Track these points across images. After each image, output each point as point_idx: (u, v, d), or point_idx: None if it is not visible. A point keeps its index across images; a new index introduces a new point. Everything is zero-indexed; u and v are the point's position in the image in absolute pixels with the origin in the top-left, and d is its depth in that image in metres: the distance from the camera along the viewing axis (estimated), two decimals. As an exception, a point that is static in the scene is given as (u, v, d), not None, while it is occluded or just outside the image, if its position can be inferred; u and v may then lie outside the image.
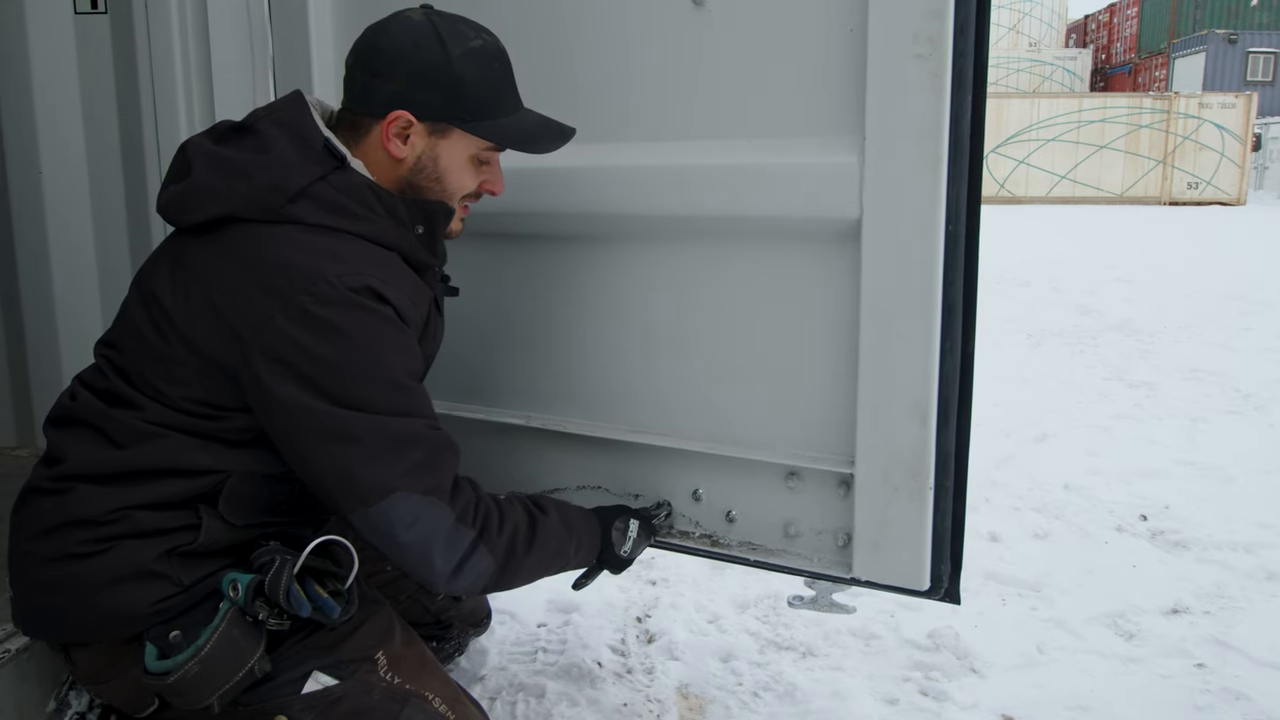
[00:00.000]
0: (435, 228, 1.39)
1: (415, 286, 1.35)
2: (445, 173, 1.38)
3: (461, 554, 1.28)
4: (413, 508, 1.24)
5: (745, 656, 2.24)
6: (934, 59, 1.36)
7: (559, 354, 1.80)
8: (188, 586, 1.26)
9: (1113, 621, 2.44)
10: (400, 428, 1.25)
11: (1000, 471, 3.56)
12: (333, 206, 1.28)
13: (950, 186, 1.39)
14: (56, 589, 1.26)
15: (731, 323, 1.63)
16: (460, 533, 1.28)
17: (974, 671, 2.20)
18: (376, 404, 1.24)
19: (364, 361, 1.23)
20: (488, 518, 1.33)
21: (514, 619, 2.37)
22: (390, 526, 1.24)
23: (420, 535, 1.25)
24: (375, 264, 1.29)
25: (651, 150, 1.61)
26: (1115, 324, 6.46)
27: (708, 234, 1.61)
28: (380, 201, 1.32)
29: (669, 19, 1.58)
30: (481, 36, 1.36)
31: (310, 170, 1.28)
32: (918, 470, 1.48)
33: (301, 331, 1.21)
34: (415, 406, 1.28)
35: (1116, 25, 27.84)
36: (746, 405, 1.65)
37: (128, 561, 1.24)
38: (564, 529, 1.48)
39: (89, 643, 1.30)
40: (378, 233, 1.32)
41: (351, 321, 1.22)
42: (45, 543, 1.26)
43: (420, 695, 1.36)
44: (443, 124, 1.34)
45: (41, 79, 2.30)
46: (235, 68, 2.03)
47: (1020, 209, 16.33)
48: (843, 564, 1.61)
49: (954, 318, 1.44)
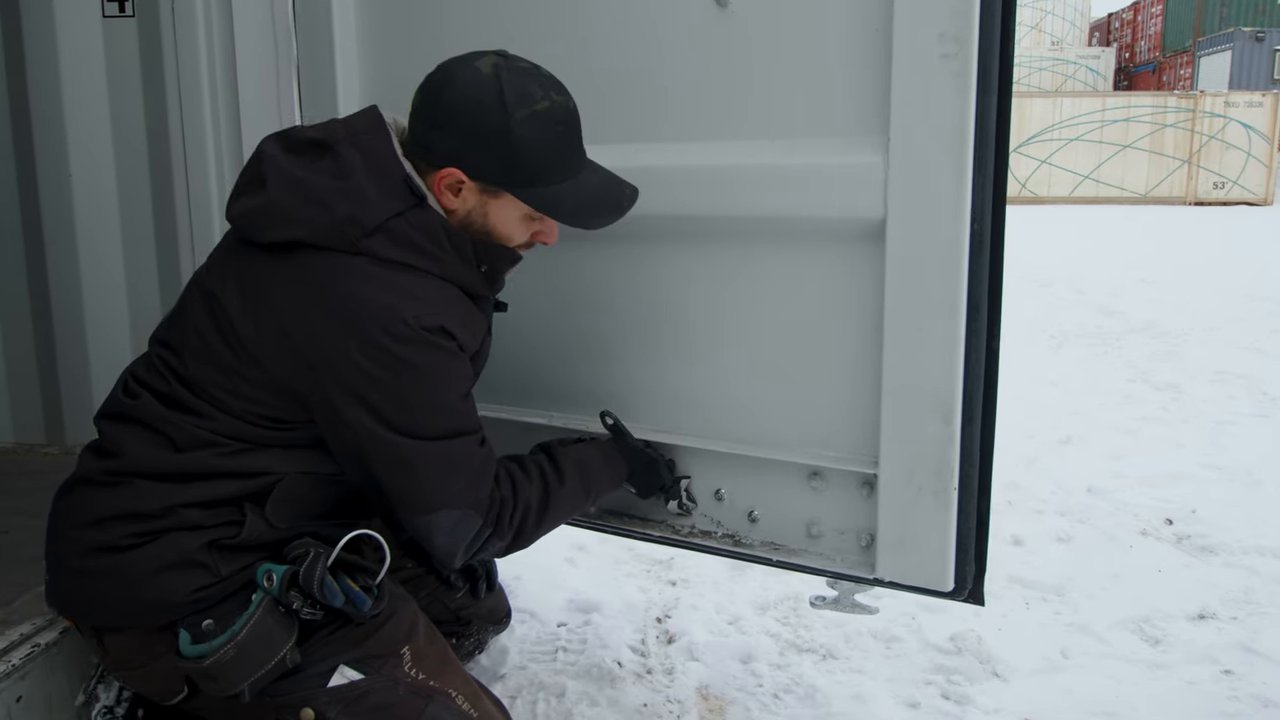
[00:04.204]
0: (499, 269, 1.44)
1: (475, 318, 1.40)
2: (494, 228, 1.39)
3: (478, 547, 1.39)
4: (454, 519, 1.34)
5: (765, 658, 2.23)
6: (959, 59, 1.35)
7: (582, 353, 1.81)
8: (225, 577, 1.28)
9: (1138, 627, 2.41)
10: (453, 451, 1.33)
11: (1023, 474, 3.53)
12: (408, 244, 1.30)
13: (975, 186, 1.39)
14: (98, 575, 1.29)
15: (755, 322, 1.63)
16: (482, 533, 1.38)
17: (997, 675, 2.18)
18: (435, 431, 1.31)
19: (430, 394, 1.30)
20: (502, 511, 1.40)
21: (534, 618, 2.37)
22: (430, 533, 1.34)
23: (454, 538, 1.36)
24: (445, 302, 1.33)
25: (676, 151, 1.61)
26: (1139, 325, 6.39)
27: (732, 234, 1.61)
28: (450, 241, 1.34)
29: (693, 20, 1.58)
30: (550, 96, 1.32)
31: (389, 206, 1.29)
32: (942, 470, 1.47)
33: (376, 367, 1.25)
34: (467, 424, 1.36)
35: (1140, 23, 27.55)
36: (769, 405, 1.65)
37: (171, 550, 1.27)
38: (581, 489, 1.56)
39: (122, 628, 1.32)
40: (446, 271, 1.34)
41: (425, 360, 1.28)
42: (93, 532, 1.29)
43: (444, 692, 1.39)
44: (494, 188, 1.35)
45: (70, 81, 2.33)
46: (259, 70, 2.04)
47: (1043, 209, 16.19)
48: (865, 564, 1.60)
49: (979, 317, 1.43)
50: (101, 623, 1.33)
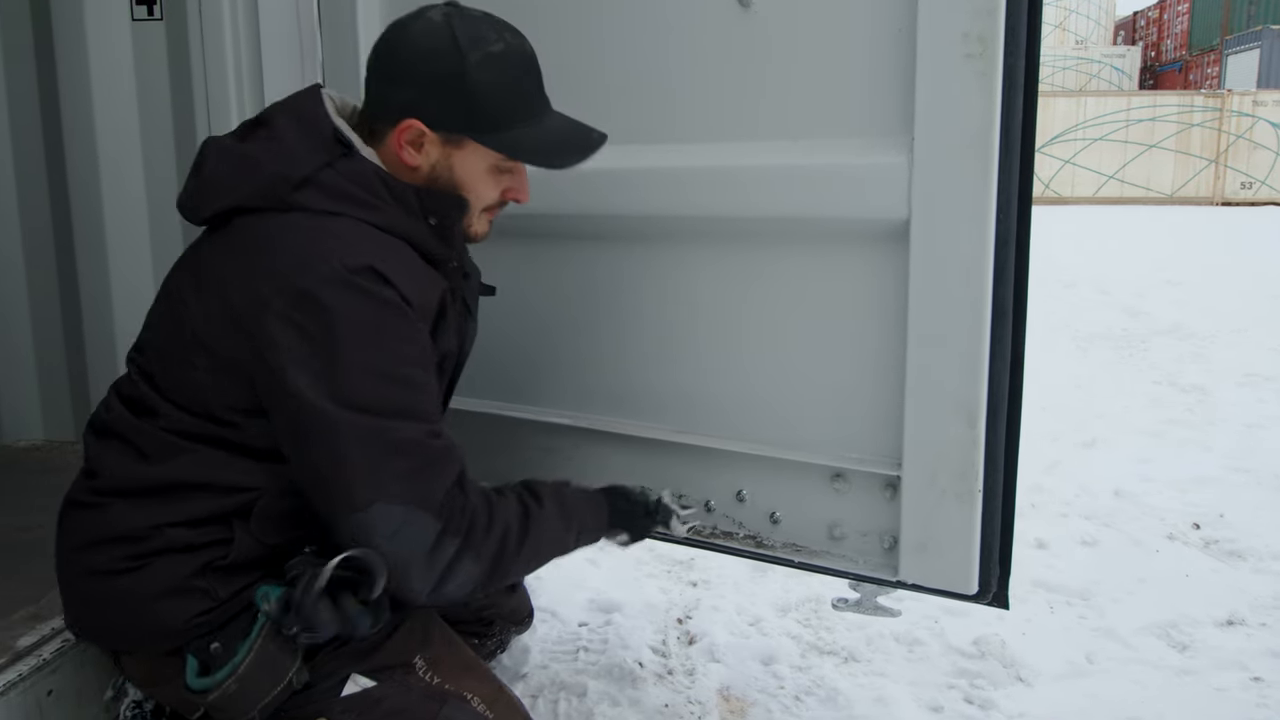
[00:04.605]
0: (449, 220, 1.32)
1: (425, 274, 1.29)
2: (461, 184, 1.32)
3: (444, 566, 1.20)
4: (394, 518, 1.17)
5: (787, 660, 2.22)
6: (984, 58, 1.34)
7: (604, 354, 1.81)
8: (224, 600, 1.25)
9: (1165, 632, 2.39)
10: (392, 432, 1.17)
11: (1047, 477, 3.50)
12: (339, 194, 1.24)
13: (1000, 187, 1.38)
14: (100, 601, 1.28)
15: (777, 324, 1.63)
16: (444, 545, 1.20)
17: (1021, 680, 2.16)
18: (371, 401, 1.17)
19: (362, 349, 1.17)
20: (474, 523, 1.23)
21: (555, 617, 2.38)
22: (368, 537, 1.16)
23: (400, 547, 1.17)
24: (380, 246, 1.23)
25: (699, 151, 1.61)
26: (1165, 327, 6.32)
27: (754, 235, 1.61)
28: (389, 189, 1.27)
29: (716, 21, 1.57)
30: (504, 39, 1.29)
31: (316, 158, 1.24)
32: (966, 472, 1.46)
33: (303, 316, 1.16)
34: (414, 406, 1.20)
35: (1167, 21, 27.25)
36: (792, 406, 1.64)
37: (165, 577, 1.24)
38: (561, 520, 1.39)
39: (133, 651, 1.32)
40: (387, 221, 1.26)
41: (350, 304, 1.16)
42: (87, 555, 1.28)
43: (459, 695, 1.35)
44: (456, 137, 1.30)
45: (100, 83, 2.37)
46: (285, 71, 2.06)
47: (1066, 210, 16.05)
48: (888, 566, 1.59)
49: (1004, 319, 1.42)
50: (111, 645, 1.34)
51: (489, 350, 1.91)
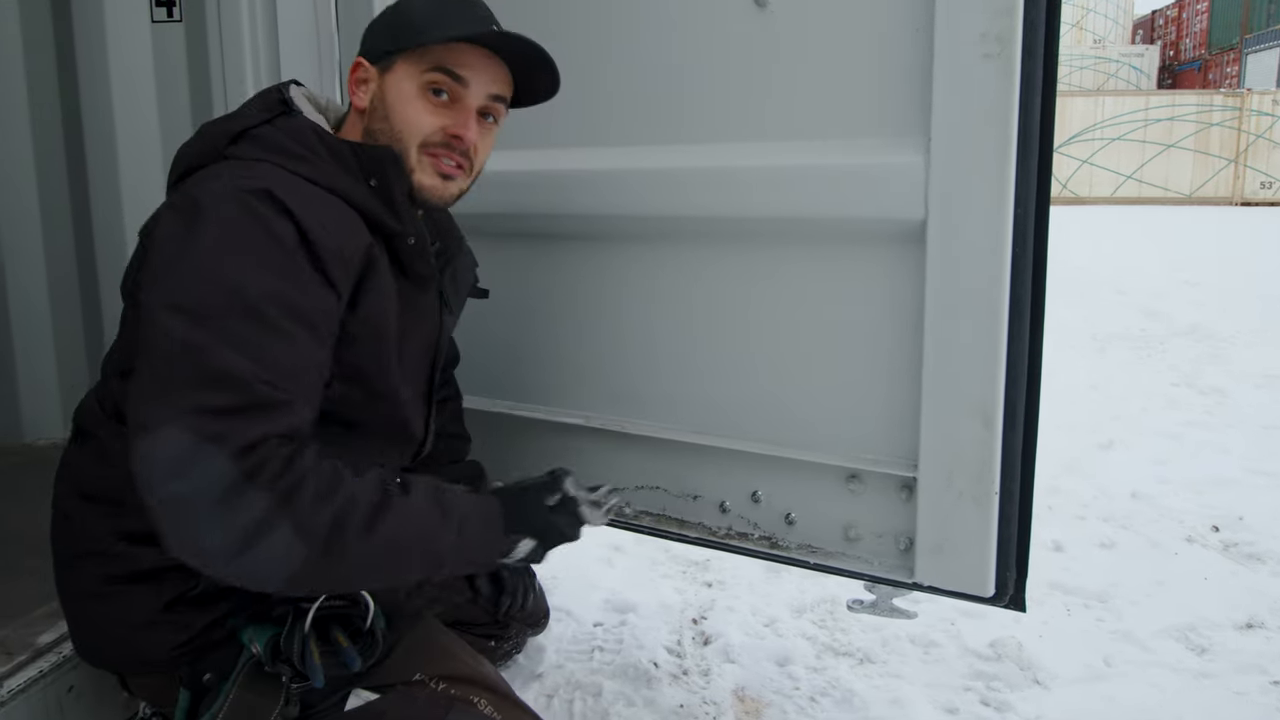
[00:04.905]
0: (387, 179, 1.23)
1: (349, 225, 1.18)
2: (392, 108, 1.27)
3: (247, 527, 0.98)
4: (183, 451, 0.97)
5: (802, 661, 2.22)
6: (1002, 58, 1.34)
7: (620, 355, 1.81)
8: (202, 629, 1.21)
9: (1183, 635, 2.37)
10: (213, 359, 1.00)
11: (1064, 479, 3.48)
12: (273, 146, 1.20)
13: (1018, 187, 1.37)
14: (86, 624, 1.28)
15: (792, 324, 1.62)
16: (247, 498, 0.98)
17: (1038, 683, 2.15)
18: (202, 313, 1.02)
19: (217, 260, 1.04)
20: (299, 485, 1.01)
21: (570, 617, 2.38)
22: (150, 471, 0.98)
23: (185, 491, 0.97)
24: (295, 187, 1.13)
25: (715, 152, 1.61)
26: (1184, 328, 6.27)
27: (770, 235, 1.61)
28: (324, 143, 1.22)
29: (731, 21, 1.57)
30: None
31: (258, 116, 1.24)
32: (983, 474, 1.45)
33: (179, 217, 1.09)
34: (253, 343, 1.03)
35: (1185, 20, 27.03)
36: (807, 407, 1.64)
37: (139, 609, 1.21)
38: (434, 513, 1.15)
39: (133, 675, 1.32)
40: (321, 176, 1.19)
41: (226, 215, 1.07)
42: (69, 573, 1.28)
43: (465, 699, 1.31)
44: (388, 58, 1.28)
45: (120, 84, 2.39)
46: (303, 72, 2.07)
47: (1084, 210, 15.94)
48: (904, 568, 1.59)
49: (1021, 319, 1.41)
50: (109, 669, 1.34)
51: (504, 349, 1.92)
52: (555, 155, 1.76)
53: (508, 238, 1.86)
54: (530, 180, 1.76)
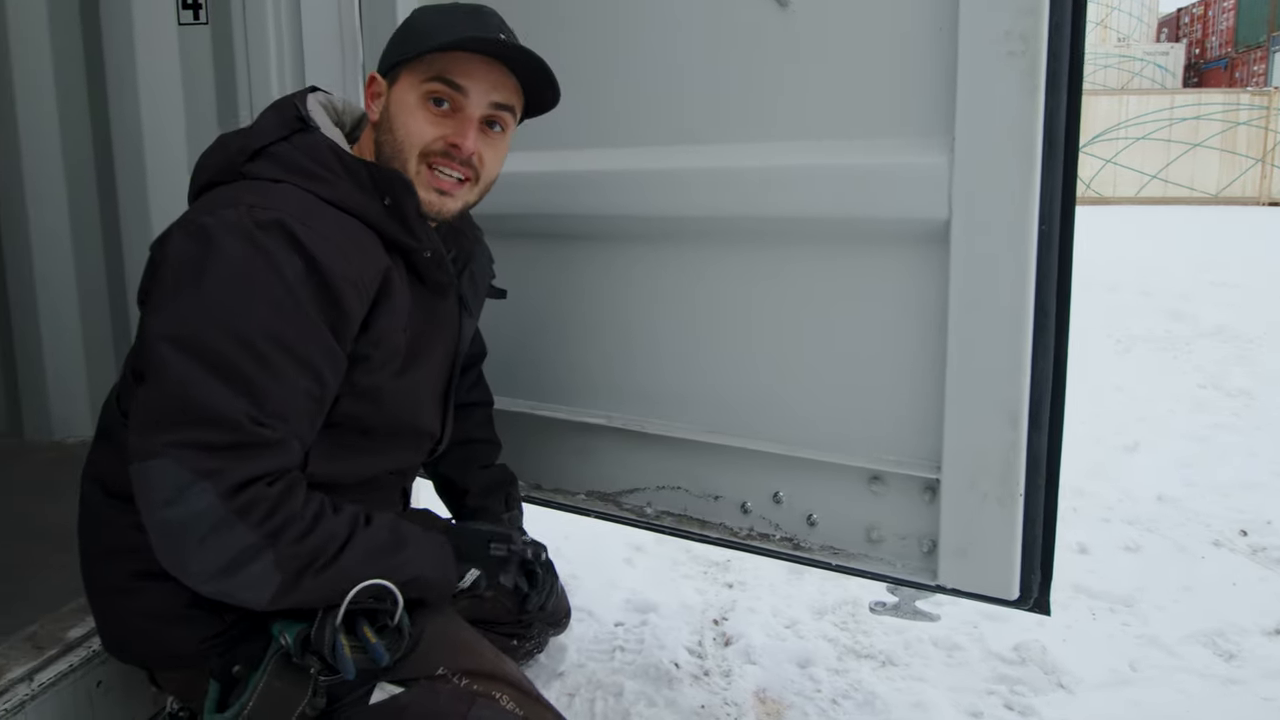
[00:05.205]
0: (400, 200, 1.26)
1: (365, 251, 1.21)
2: (395, 118, 1.29)
3: (231, 557, 1.08)
4: (177, 482, 1.05)
5: (823, 663, 2.21)
6: (1027, 57, 1.33)
7: (642, 355, 1.81)
8: (233, 621, 1.24)
9: (1211, 640, 2.34)
10: (211, 396, 1.06)
11: (1089, 481, 3.45)
12: (290, 165, 1.22)
13: (1044, 187, 1.36)
14: (114, 620, 1.31)
15: (816, 324, 1.62)
16: (234, 532, 1.07)
17: (1062, 687, 2.13)
18: (202, 350, 1.07)
19: (222, 298, 1.08)
20: (285, 526, 1.10)
21: (592, 617, 2.38)
22: (147, 494, 1.06)
23: (176, 519, 1.05)
24: (310, 210, 1.16)
25: (737, 152, 1.61)
26: (1210, 329, 6.19)
27: (793, 236, 1.61)
28: (341, 162, 1.24)
29: (754, 20, 1.57)
30: (467, 4, 1.34)
31: (275, 133, 1.25)
32: (1007, 476, 1.44)
33: (188, 246, 1.11)
34: (249, 381, 1.08)
35: (1211, 18, 26.68)
36: (829, 408, 1.63)
37: (163, 603, 1.23)
38: (390, 540, 1.24)
39: (161, 669, 1.35)
40: (338, 196, 1.21)
41: (235, 251, 1.09)
42: (97, 568, 1.31)
43: (487, 695, 1.32)
44: (394, 70, 1.31)
45: (147, 86, 2.42)
46: (328, 74, 2.09)
47: (1108, 210, 15.78)
48: (927, 570, 1.58)
49: (1047, 319, 1.40)
50: (137, 663, 1.36)
51: (524, 350, 1.92)
52: (585, 156, 1.76)
53: (533, 239, 1.87)
54: (553, 181, 1.77)
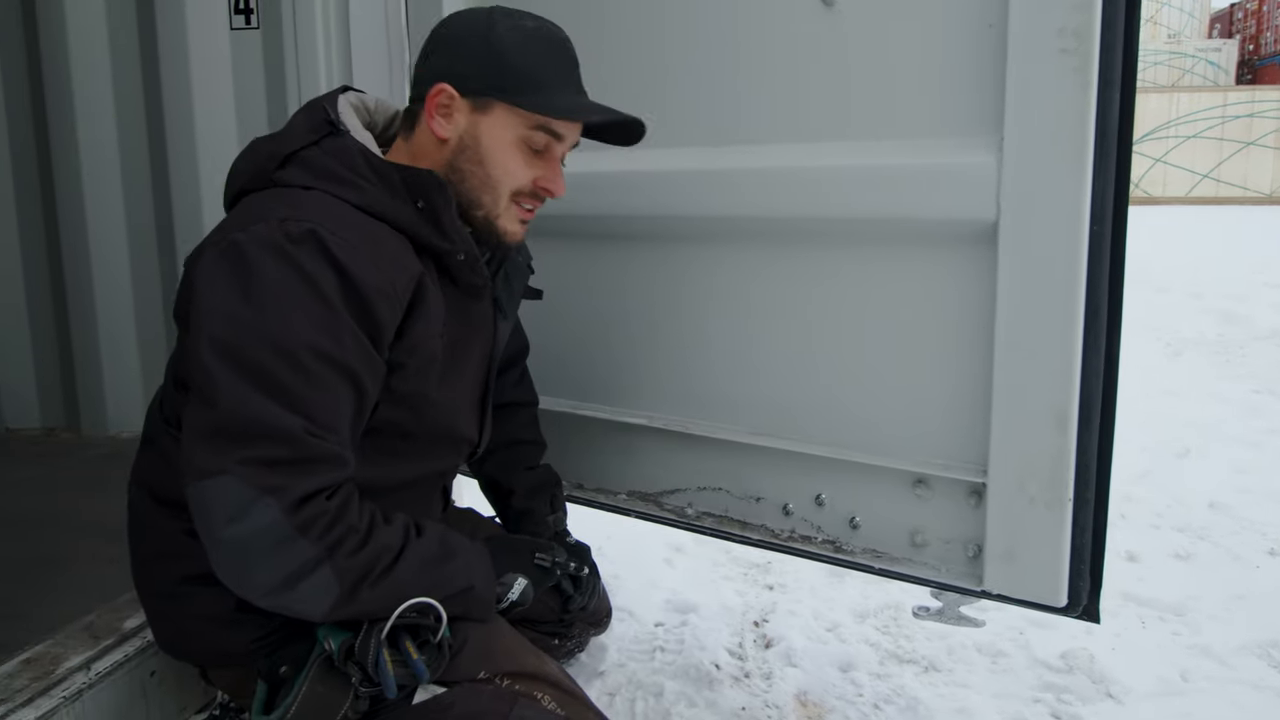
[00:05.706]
0: (434, 203, 1.24)
1: (397, 258, 1.20)
2: (488, 154, 1.27)
3: (293, 571, 1.09)
4: (240, 500, 1.05)
5: (865, 667, 2.19)
6: (1079, 54, 1.31)
7: (684, 355, 1.81)
8: (281, 623, 1.25)
9: (1266, 652, 2.28)
10: (264, 413, 1.07)
11: (1138, 487, 3.38)
12: (321, 170, 1.21)
13: (1095, 187, 1.34)
14: (164, 621, 1.34)
15: (859, 326, 1.61)
16: (299, 549, 1.08)
17: (1110, 697, 2.09)
18: (254, 368, 1.08)
19: (263, 314, 1.09)
20: (343, 539, 1.12)
21: (632, 617, 2.39)
22: (208, 513, 1.06)
23: (241, 535, 1.06)
24: (341, 219, 1.15)
25: (780, 152, 1.60)
26: (1265, 333, 6.04)
27: (837, 236, 1.60)
28: (371, 167, 1.22)
29: (799, 20, 1.57)
30: (542, 24, 1.30)
31: (305, 137, 1.24)
32: (1056, 480, 1.42)
33: (224, 262, 1.11)
34: (297, 394, 1.09)
35: (1266, 13, 25.98)
36: (873, 410, 1.62)
37: (214, 607, 1.25)
38: (439, 550, 1.26)
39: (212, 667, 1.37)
40: (368, 201, 1.20)
41: (270, 267, 1.10)
42: (147, 571, 1.34)
43: (529, 695, 1.32)
44: (484, 98, 1.26)
45: (200, 90, 2.49)
46: (375, 77, 2.12)
47: (1157, 210, 15.45)
48: (973, 575, 1.56)
49: (1098, 321, 1.38)
50: (190, 661, 1.39)
51: (566, 350, 1.93)
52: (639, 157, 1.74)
53: (572, 239, 1.88)
54: (606, 182, 1.77)
